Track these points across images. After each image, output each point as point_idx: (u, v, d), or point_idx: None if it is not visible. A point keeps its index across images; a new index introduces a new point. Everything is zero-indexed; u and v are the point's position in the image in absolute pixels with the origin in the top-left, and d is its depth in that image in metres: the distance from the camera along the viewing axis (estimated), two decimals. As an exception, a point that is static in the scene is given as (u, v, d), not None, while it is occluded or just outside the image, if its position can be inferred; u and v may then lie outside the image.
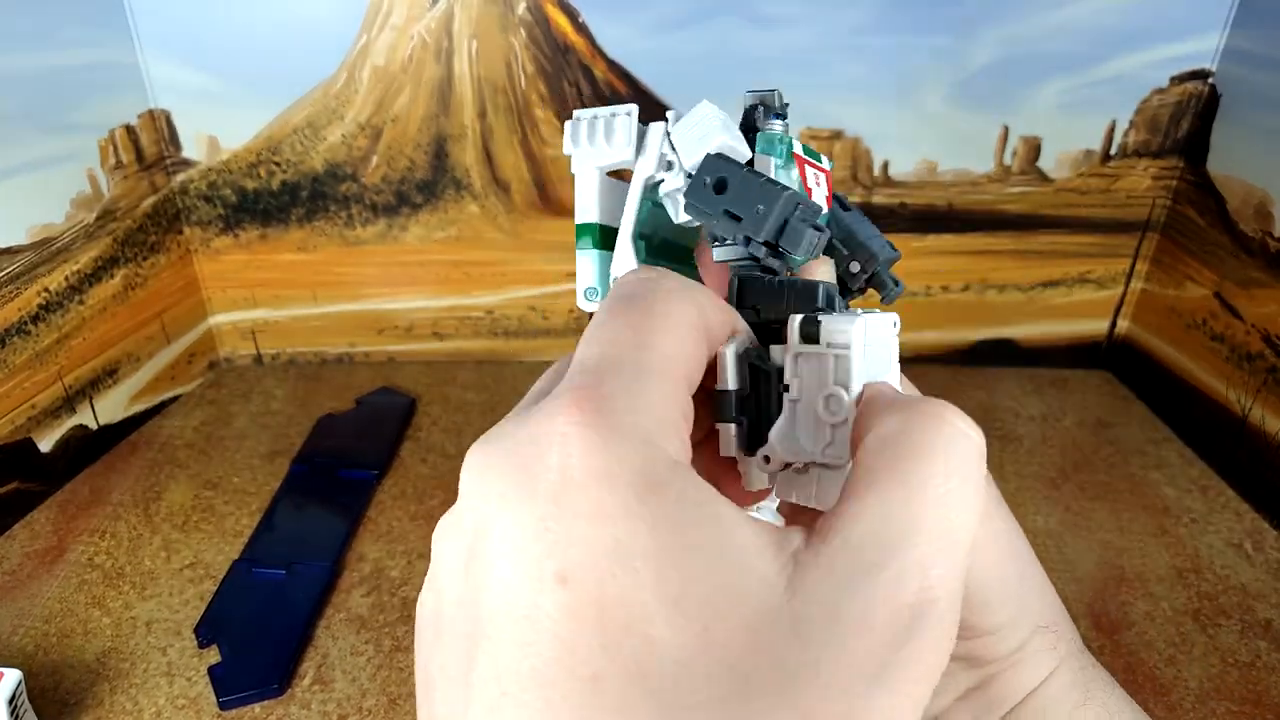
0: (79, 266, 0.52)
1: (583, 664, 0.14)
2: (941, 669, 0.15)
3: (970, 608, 0.25)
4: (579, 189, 0.25)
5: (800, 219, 0.22)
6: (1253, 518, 0.50)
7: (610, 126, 0.24)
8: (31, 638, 0.41)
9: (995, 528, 0.25)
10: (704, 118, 0.24)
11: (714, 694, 0.14)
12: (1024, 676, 0.26)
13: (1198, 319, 0.57)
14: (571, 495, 0.15)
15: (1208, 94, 0.56)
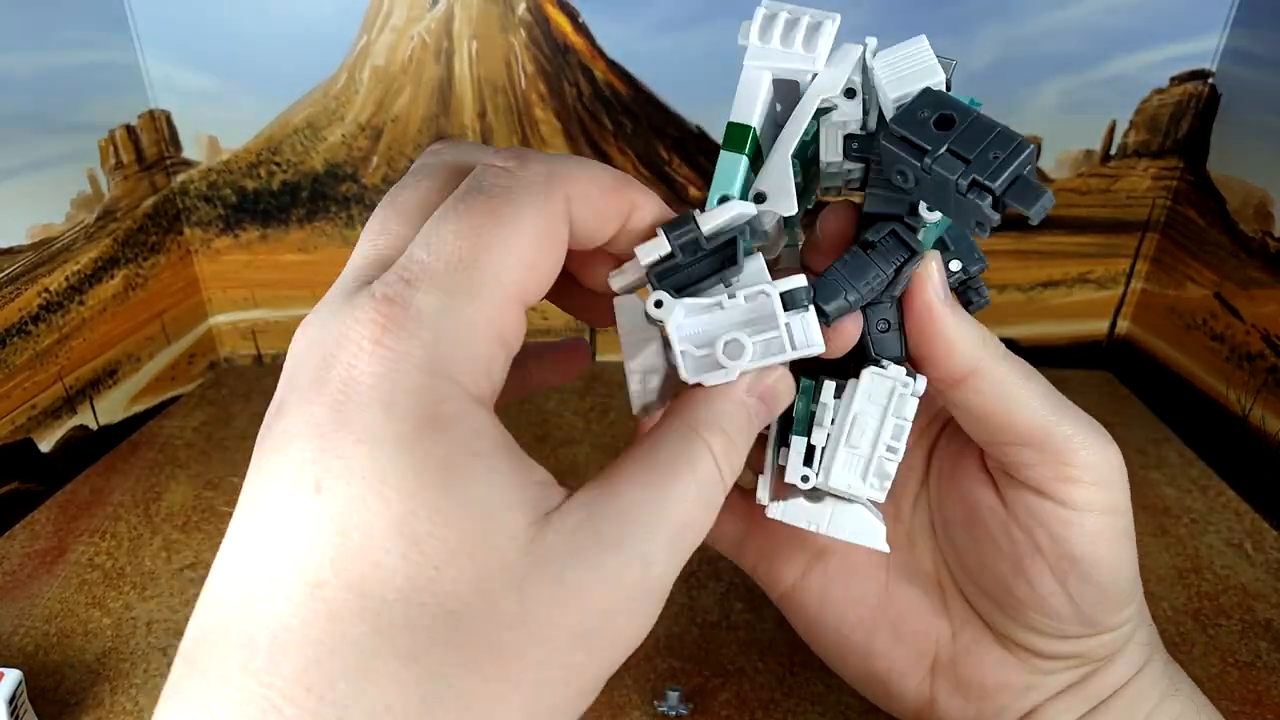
0: (79, 267, 0.52)
1: (310, 569, 0.15)
2: (632, 647, 0.17)
3: (1107, 607, 0.25)
4: (747, 87, 0.22)
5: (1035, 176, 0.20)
6: (1253, 518, 0.50)
7: (814, 31, 0.22)
8: (32, 638, 0.41)
9: (1130, 525, 0.25)
10: (920, 53, 0.22)
11: (427, 629, 0.15)
12: (1120, 670, 0.26)
13: (1198, 319, 0.57)
14: (349, 410, 0.15)
15: (1208, 94, 0.56)
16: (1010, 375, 0.24)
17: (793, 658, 0.40)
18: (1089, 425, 0.25)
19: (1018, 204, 0.20)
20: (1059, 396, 0.25)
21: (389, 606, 0.15)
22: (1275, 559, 0.47)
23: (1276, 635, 0.42)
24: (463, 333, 0.16)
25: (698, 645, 0.41)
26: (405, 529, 0.15)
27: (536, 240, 0.18)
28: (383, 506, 0.15)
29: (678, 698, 0.37)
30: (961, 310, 0.24)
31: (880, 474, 0.24)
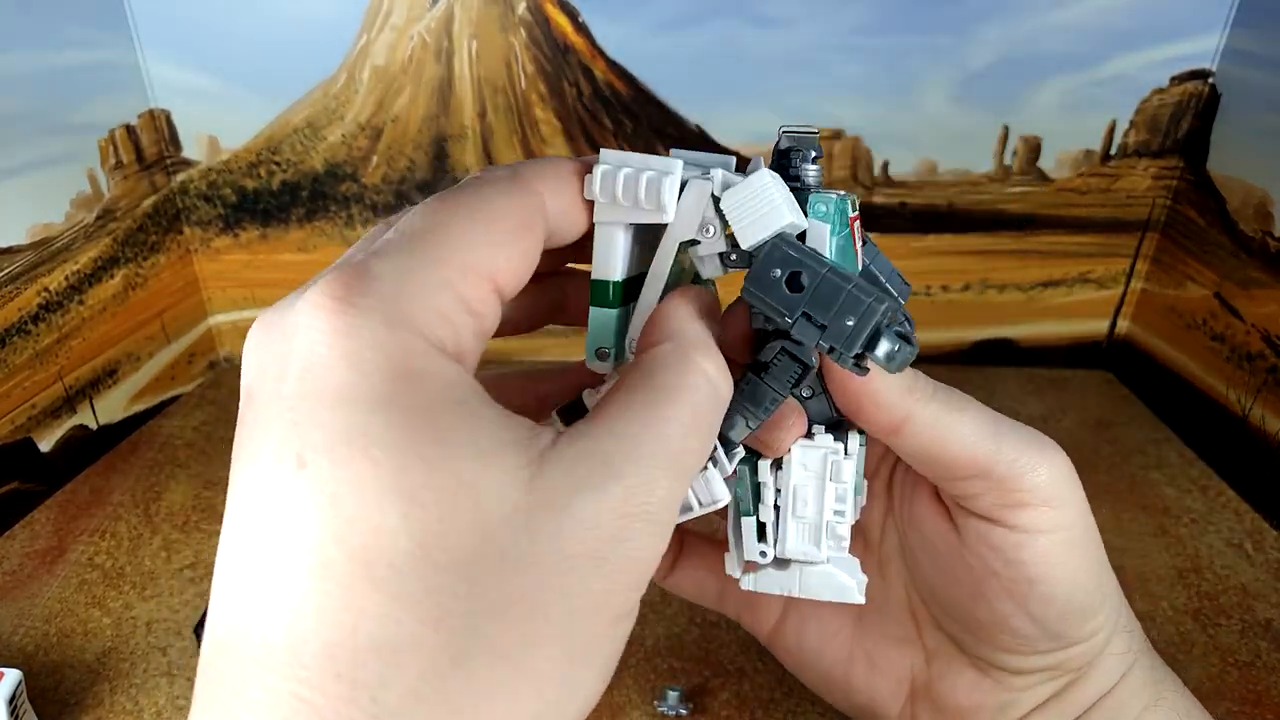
0: (79, 266, 0.52)
1: (311, 549, 0.14)
2: (651, 568, 0.17)
3: (1072, 620, 0.25)
4: (601, 244, 0.22)
5: (893, 330, 0.20)
6: (1253, 517, 0.50)
7: (653, 187, 0.22)
8: (31, 638, 0.41)
9: (1086, 535, 0.25)
10: (763, 190, 0.21)
11: (440, 583, 0.14)
12: (1100, 680, 0.26)
13: (1198, 319, 0.57)
14: (316, 377, 0.15)
15: (1208, 94, 0.56)
16: (942, 413, 0.24)
17: (793, 657, 0.40)
18: (1032, 444, 0.24)
19: (877, 362, 0.20)
20: (996, 420, 0.24)
21: (399, 571, 0.14)
22: (1275, 559, 0.47)
23: (1276, 635, 0.42)
24: (421, 290, 0.16)
25: (697, 645, 0.41)
26: (399, 486, 0.14)
27: (502, 219, 0.18)
28: (371, 466, 0.14)
29: (678, 698, 0.37)
30: (881, 373, 0.24)
31: (834, 536, 0.25)
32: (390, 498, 0.14)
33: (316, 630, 0.14)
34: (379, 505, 0.14)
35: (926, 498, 0.27)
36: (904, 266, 0.44)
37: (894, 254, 0.61)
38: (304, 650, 0.14)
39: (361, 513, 0.14)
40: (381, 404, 0.14)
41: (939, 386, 0.25)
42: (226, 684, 0.14)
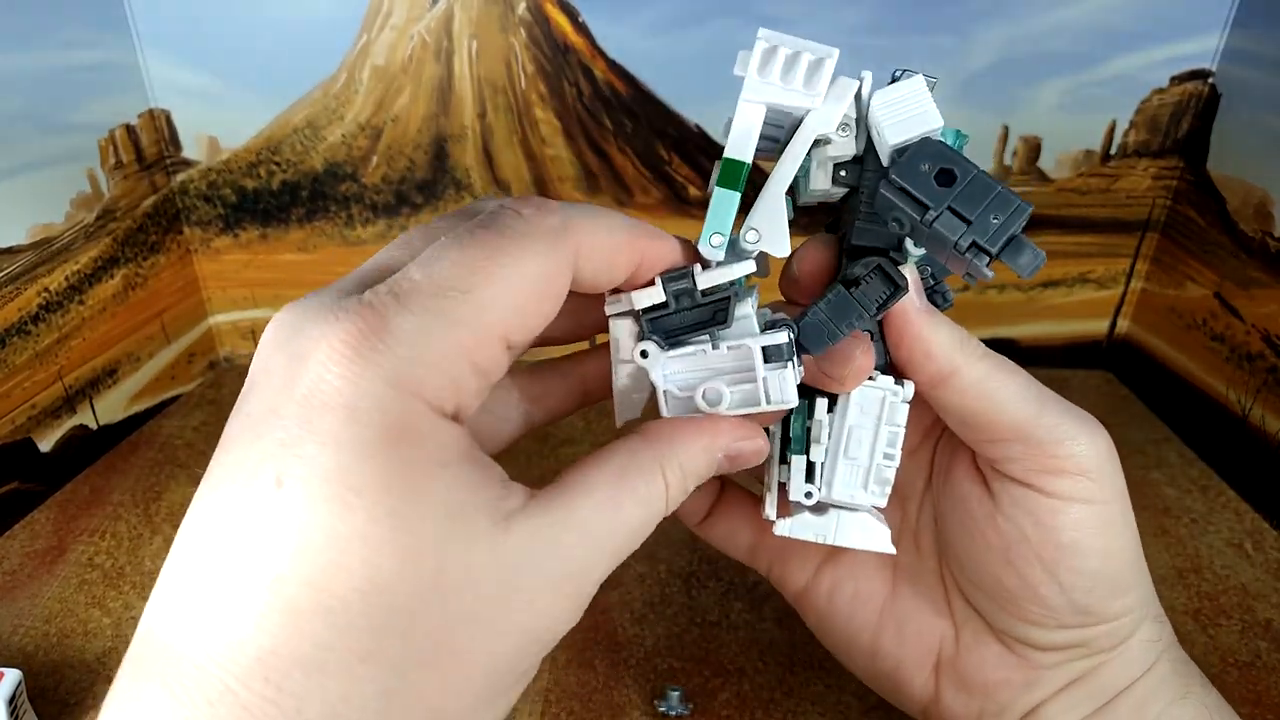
0: (79, 266, 0.52)
1: (267, 566, 0.15)
2: (559, 638, 0.18)
3: (1101, 594, 0.25)
4: (741, 122, 0.22)
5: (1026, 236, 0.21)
6: (1253, 517, 0.50)
7: (815, 68, 0.21)
8: (31, 638, 0.41)
9: (1122, 515, 0.25)
10: (919, 93, 0.22)
11: (383, 627, 0.15)
12: (1128, 667, 0.26)
13: (1198, 319, 0.57)
14: (314, 411, 0.16)
15: (1208, 94, 0.56)
16: (990, 373, 0.25)
17: (793, 657, 0.40)
18: (1074, 416, 0.25)
19: (1011, 263, 0.21)
20: (1041, 390, 0.25)
21: (346, 605, 0.15)
22: (1275, 559, 0.47)
23: (1276, 635, 0.42)
24: (435, 356, 0.17)
25: (698, 645, 0.41)
26: (365, 534, 0.15)
27: (532, 286, 0.18)
28: (343, 509, 0.15)
29: (678, 697, 0.37)
30: (938, 314, 0.25)
31: (880, 481, 0.25)
32: (355, 543, 0.15)
33: (254, 637, 0.15)
34: (342, 546, 0.15)
35: (965, 465, 0.28)
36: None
37: (894, 254, 0.61)
38: (240, 651, 0.15)
39: (324, 547, 0.15)
40: (367, 455, 0.15)
41: (989, 351, 0.25)
42: (155, 672, 0.15)
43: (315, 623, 0.15)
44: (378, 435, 0.15)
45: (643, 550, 0.49)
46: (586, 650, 0.41)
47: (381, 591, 0.15)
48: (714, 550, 0.47)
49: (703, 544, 0.47)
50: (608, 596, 0.44)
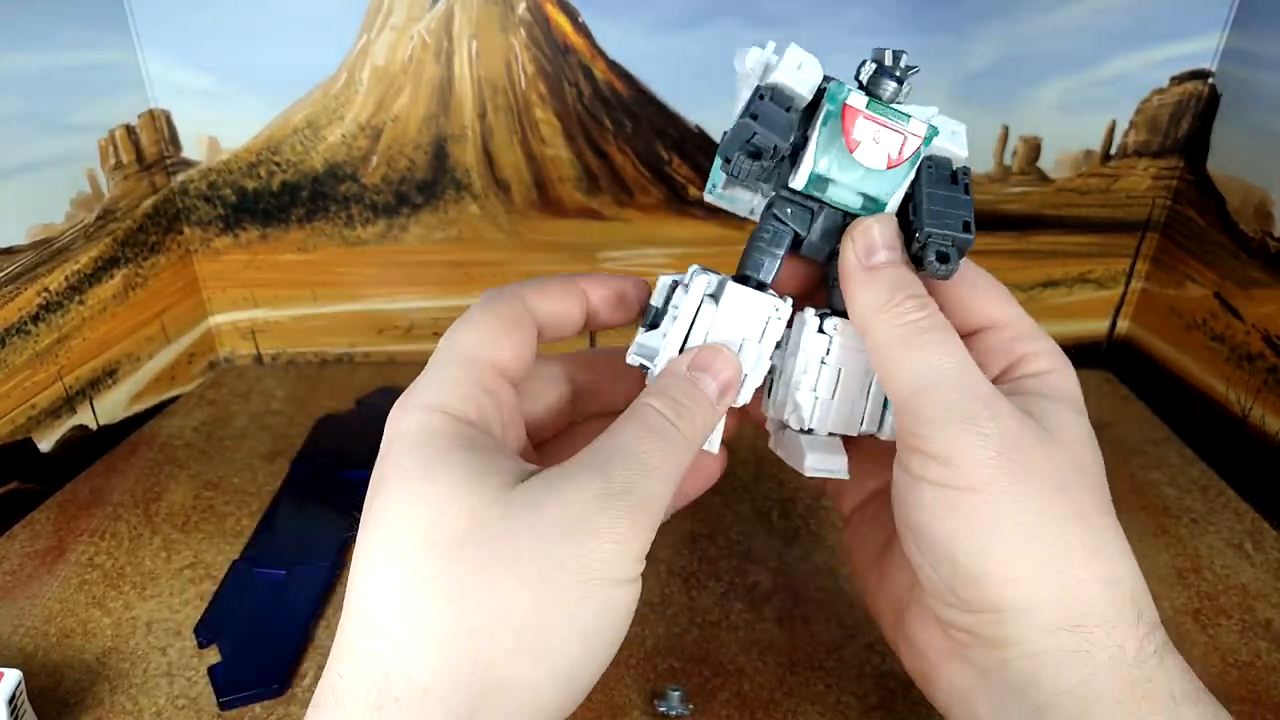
0: (79, 266, 0.52)
1: (370, 535, 0.23)
2: (618, 535, 0.22)
3: (962, 580, 0.25)
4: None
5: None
6: (1253, 517, 0.50)
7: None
8: (31, 638, 0.41)
9: (1013, 511, 0.24)
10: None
11: (441, 556, 0.22)
12: (1049, 675, 0.24)
13: (1198, 319, 0.57)
14: (386, 443, 0.24)
15: (1208, 94, 0.56)
16: (889, 344, 0.26)
17: (793, 657, 0.40)
18: (958, 406, 0.25)
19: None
20: (952, 373, 0.25)
21: (411, 549, 0.22)
22: (1275, 559, 0.47)
23: (1276, 635, 0.42)
24: (444, 384, 0.25)
25: (698, 645, 0.41)
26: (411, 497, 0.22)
27: (492, 325, 0.26)
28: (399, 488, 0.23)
29: (679, 697, 0.37)
30: (877, 273, 0.27)
31: (786, 400, 0.30)
32: (405, 504, 0.22)
33: (371, 572, 0.23)
34: (399, 510, 0.22)
35: None
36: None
37: (894, 254, 0.61)
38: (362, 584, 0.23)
39: (383, 517, 0.23)
40: (410, 451, 0.23)
41: (923, 315, 0.26)
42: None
43: (395, 564, 0.22)
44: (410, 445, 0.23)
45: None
46: (586, 650, 0.41)
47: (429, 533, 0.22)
48: (714, 550, 0.47)
49: (703, 544, 0.47)
50: (608, 596, 0.44)
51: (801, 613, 0.43)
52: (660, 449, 0.24)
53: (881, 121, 0.26)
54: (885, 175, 0.27)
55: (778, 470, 0.54)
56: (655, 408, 0.25)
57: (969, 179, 0.28)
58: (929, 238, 0.26)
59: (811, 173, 0.27)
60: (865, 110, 0.26)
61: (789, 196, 0.28)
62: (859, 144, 0.27)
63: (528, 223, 0.61)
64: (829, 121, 0.27)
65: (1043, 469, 0.25)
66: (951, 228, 0.26)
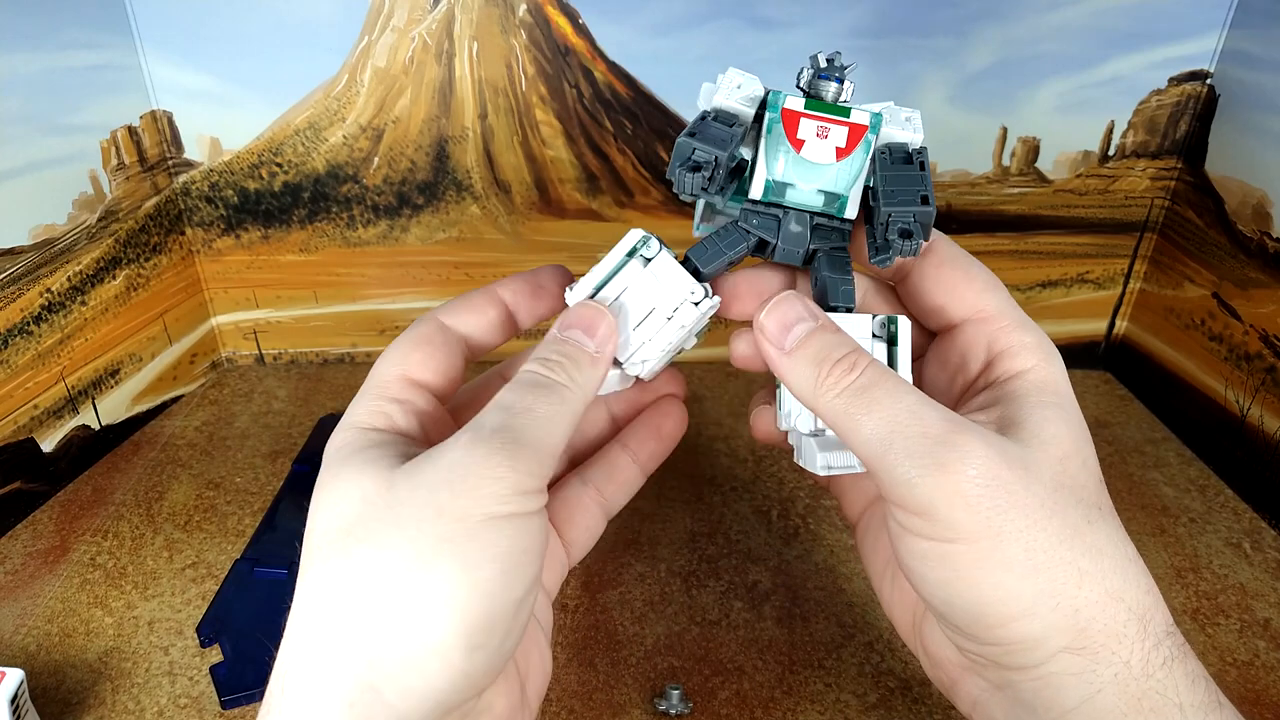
0: (81, 267, 0.52)
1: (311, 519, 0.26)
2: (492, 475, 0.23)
3: (965, 620, 0.25)
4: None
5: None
6: (1251, 517, 0.50)
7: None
8: (33, 637, 0.41)
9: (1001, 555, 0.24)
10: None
11: (342, 529, 0.24)
12: (1054, 695, 0.24)
13: (1196, 319, 0.57)
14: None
15: (1206, 95, 0.56)
16: (843, 412, 0.26)
17: (792, 656, 0.40)
18: (927, 457, 0.24)
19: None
20: (906, 420, 0.24)
21: (321, 531, 0.24)
22: (1274, 558, 0.47)
23: (1275, 634, 0.42)
24: (358, 405, 0.27)
25: (697, 644, 0.41)
26: (324, 488, 0.25)
27: (401, 346, 0.28)
28: (319, 487, 0.26)
29: (678, 696, 0.37)
30: (798, 353, 0.27)
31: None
32: (316, 509, 0.25)
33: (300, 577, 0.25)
34: (313, 516, 0.25)
35: None
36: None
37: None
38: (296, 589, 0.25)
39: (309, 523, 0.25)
40: (326, 467, 0.26)
41: (858, 375, 0.26)
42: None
43: (312, 539, 0.25)
44: (334, 452, 0.26)
45: (643, 550, 0.49)
46: (586, 649, 0.41)
47: (334, 512, 0.24)
48: (714, 549, 0.47)
49: (703, 543, 0.47)
50: (607, 595, 0.44)
51: (801, 612, 0.43)
52: (534, 395, 0.25)
53: (823, 117, 0.28)
54: (839, 168, 0.28)
55: (778, 470, 0.54)
56: (527, 369, 0.27)
57: (924, 157, 0.28)
58: (889, 217, 0.27)
59: (766, 180, 0.28)
60: (804, 110, 0.28)
61: (752, 208, 0.29)
62: (804, 142, 0.28)
63: (528, 224, 0.61)
64: (773, 128, 0.28)
65: (1025, 497, 0.24)
66: (909, 203, 0.27)
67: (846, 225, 0.29)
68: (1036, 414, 0.26)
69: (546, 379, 0.26)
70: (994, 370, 0.28)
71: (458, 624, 0.23)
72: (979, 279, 0.29)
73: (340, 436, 0.26)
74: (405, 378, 0.28)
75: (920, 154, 0.28)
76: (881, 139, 0.28)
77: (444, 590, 0.23)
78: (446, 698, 0.23)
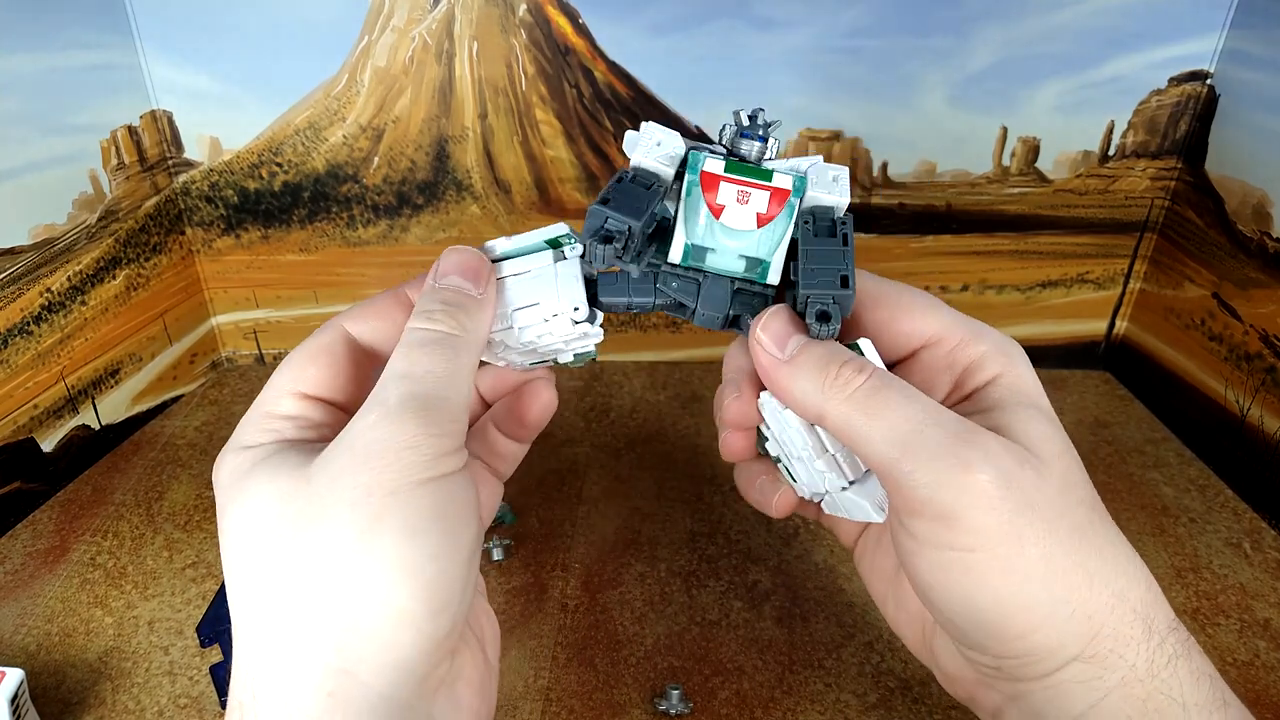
0: (81, 267, 0.52)
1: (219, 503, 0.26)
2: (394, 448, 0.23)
3: (982, 634, 0.25)
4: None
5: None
6: (1251, 517, 0.50)
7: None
8: (34, 637, 0.41)
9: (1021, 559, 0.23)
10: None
11: (266, 548, 0.24)
12: (1066, 703, 0.25)
13: (1196, 319, 0.57)
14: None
15: (1206, 95, 0.56)
16: (852, 414, 0.25)
17: (792, 656, 0.40)
18: (949, 456, 0.24)
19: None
20: (921, 424, 0.24)
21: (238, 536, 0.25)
22: (1273, 558, 0.47)
23: (1275, 634, 0.42)
24: (245, 425, 0.27)
25: (697, 644, 0.41)
26: (230, 525, 0.25)
27: (304, 358, 0.27)
28: (224, 532, 0.26)
29: (678, 696, 0.37)
30: (797, 362, 0.26)
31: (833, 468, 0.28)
32: (229, 517, 0.25)
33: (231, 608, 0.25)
34: (227, 524, 0.25)
35: None
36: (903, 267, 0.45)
37: (892, 255, 0.62)
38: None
39: (225, 529, 0.26)
40: (221, 493, 0.26)
41: (867, 377, 0.25)
42: None
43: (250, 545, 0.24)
44: (224, 475, 0.26)
45: (643, 550, 0.49)
46: (586, 649, 0.41)
47: (248, 515, 0.25)
48: (714, 550, 0.47)
49: (703, 543, 0.47)
50: (607, 595, 0.44)
51: (800, 612, 0.43)
52: (427, 354, 0.25)
53: (743, 181, 0.26)
54: (761, 234, 0.27)
55: (777, 470, 0.54)
56: (413, 327, 0.26)
57: (849, 228, 0.27)
58: (807, 300, 0.26)
59: (685, 245, 0.27)
60: (724, 174, 0.26)
61: (671, 271, 0.28)
62: (724, 208, 0.27)
63: (528, 223, 0.61)
64: (692, 191, 0.27)
65: (1040, 500, 0.24)
66: (828, 285, 0.26)
67: (769, 290, 0.28)
68: (1020, 415, 0.26)
69: (435, 333, 0.25)
70: (963, 387, 0.28)
71: (417, 589, 0.23)
72: (915, 306, 0.28)
73: (229, 461, 0.26)
74: (297, 394, 0.27)
75: (844, 224, 0.27)
76: (807, 202, 0.27)
77: (394, 560, 0.22)
78: (420, 666, 0.23)
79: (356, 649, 0.22)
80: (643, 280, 0.28)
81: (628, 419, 0.59)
